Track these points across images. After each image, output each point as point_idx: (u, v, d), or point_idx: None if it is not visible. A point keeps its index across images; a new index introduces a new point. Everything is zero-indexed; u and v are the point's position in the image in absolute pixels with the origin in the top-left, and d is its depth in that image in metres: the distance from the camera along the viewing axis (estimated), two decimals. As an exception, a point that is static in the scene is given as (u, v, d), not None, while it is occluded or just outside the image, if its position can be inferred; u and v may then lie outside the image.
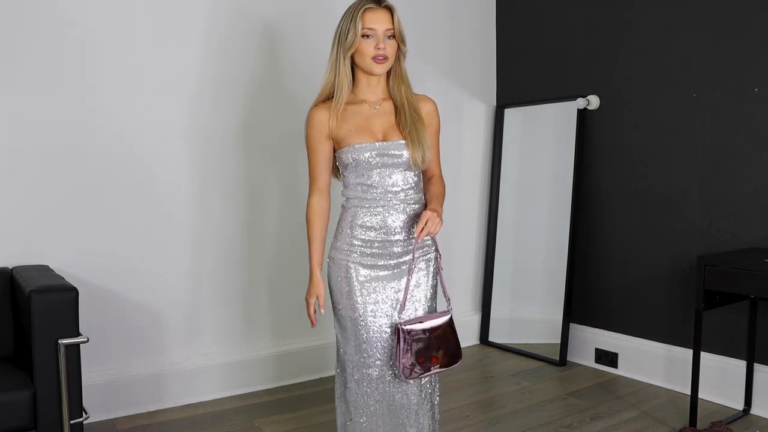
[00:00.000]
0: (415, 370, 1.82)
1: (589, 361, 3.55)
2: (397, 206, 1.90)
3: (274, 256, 3.23)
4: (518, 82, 3.91)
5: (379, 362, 1.89)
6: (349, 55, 1.87)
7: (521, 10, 3.88)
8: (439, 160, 2.04)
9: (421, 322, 1.87)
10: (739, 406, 2.88)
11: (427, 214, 1.82)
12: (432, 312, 1.96)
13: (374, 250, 1.90)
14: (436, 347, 1.87)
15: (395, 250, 1.91)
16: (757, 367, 2.84)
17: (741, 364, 2.89)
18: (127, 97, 2.79)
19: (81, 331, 2.12)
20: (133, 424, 2.73)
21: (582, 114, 3.52)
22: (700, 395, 2.89)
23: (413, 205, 1.93)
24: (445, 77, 3.79)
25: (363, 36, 1.84)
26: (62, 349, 2.02)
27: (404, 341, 1.81)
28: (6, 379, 2.05)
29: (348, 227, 1.92)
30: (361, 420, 1.92)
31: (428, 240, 1.96)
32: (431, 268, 1.97)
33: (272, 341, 3.25)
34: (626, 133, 3.35)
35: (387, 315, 1.89)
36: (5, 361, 2.27)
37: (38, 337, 2.00)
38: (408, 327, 1.84)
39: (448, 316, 1.93)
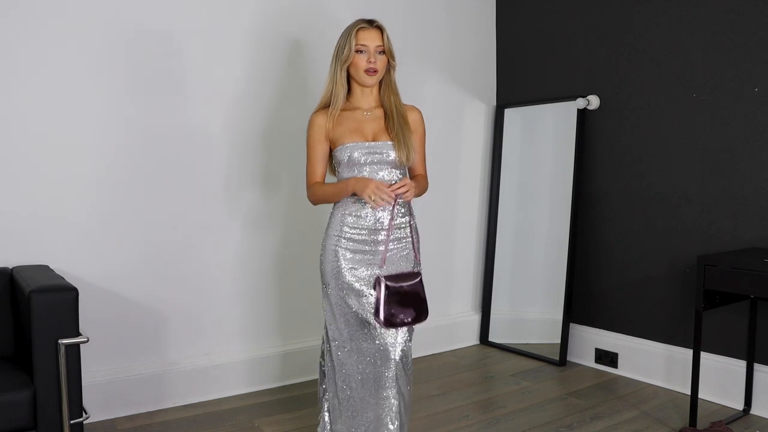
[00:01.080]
0: (394, 321, 2.06)
1: (589, 361, 3.55)
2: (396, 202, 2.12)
3: (276, 256, 3.23)
4: (518, 82, 3.91)
5: (365, 335, 2.12)
6: (345, 68, 2.14)
7: (521, 10, 3.88)
8: (424, 162, 2.31)
9: (398, 278, 2.10)
10: (739, 406, 2.88)
11: (409, 181, 2.07)
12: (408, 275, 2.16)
13: (362, 238, 2.12)
14: (409, 303, 2.10)
15: (379, 238, 2.13)
16: (757, 367, 2.84)
17: (741, 364, 2.89)
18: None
19: (81, 331, 2.12)
20: (133, 424, 2.73)
21: (582, 114, 3.52)
22: (700, 395, 2.89)
23: (398, 200, 2.12)
24: (445, 77, 3.79)
25: (357, 51, 2.12)
26: (62, 349, 2.02)
27: (385, 293, 2.05)
28: (6, 379, 2.05)
29: (339, 217, 2.15)
30: (357, 378, 2.14)
31: (406, 236, 2.17)
32: (410, 263, 2.18)
33: (272, 341, 3.25)
34: (626, 133, 3.35)
35: (371, 294, 2.10)
36: (5, 361, 2.27)
37: (38, 337, 2.00)
38: (389, 282, 2.07)
39: (419, 277, 2.15)
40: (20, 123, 2.57)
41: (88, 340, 2.07)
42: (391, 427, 2.09)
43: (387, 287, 2.05)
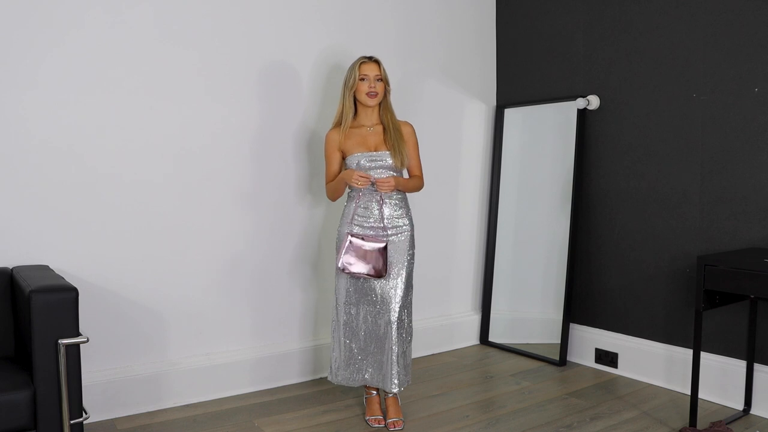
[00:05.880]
0: (350, 269, 2.64)
1: (589, 361, 3.55)
2: (384, 195, 2.70)
3: (276, 256, 3.23)
4: (518, 82, 3.91)
5: (369, 300, 2.70)
6: (351, 93, 2.71)
7: (521, 10, 3.88)
8: (419, 165, 2.84)
9: (364, 240, 2.66)
10: (739, 406, 2.88)
11: (390, 179, 2.64)
12: (406, 268, 2.72)
13: (369, 224, 2.71)
14: (369, 261, 2.65)
15: (380, 225, 2.71)
16: (757, 367, 2.84)
17: (741, 364, 2.89)
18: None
19: (81, 331, 2.12)
20: (133, 424, 2.73)
21: (582, 114, 3.52)
22: (700, 395, 2.89)
23: (395, 196, 2.74)
24: (445, 77, 3.79)
25: (360, 80, 2.69)
26: (62, 349, 2.02)
27: (347, 246, 2.65)
28: (6, 379, 2.05)
29: (351, 208, 2.75)
30: (360, 336, 2.73)
31: (406, 222, 2.75)
32: (405, 244, 2.73)
33: (273, 341, 3.25)
34: (626, 133, 3.35)
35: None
36: (5, 361, 2.27)
37: (38, 337, 2.00)
38: (355, 239, 2.66)
39: (384, 244, 2.66)
40: (21, 123, 2.57)
41: (88, 340, 2.07)
42: (392, 371, 2.62)
43: (350, 241, 2.65)
